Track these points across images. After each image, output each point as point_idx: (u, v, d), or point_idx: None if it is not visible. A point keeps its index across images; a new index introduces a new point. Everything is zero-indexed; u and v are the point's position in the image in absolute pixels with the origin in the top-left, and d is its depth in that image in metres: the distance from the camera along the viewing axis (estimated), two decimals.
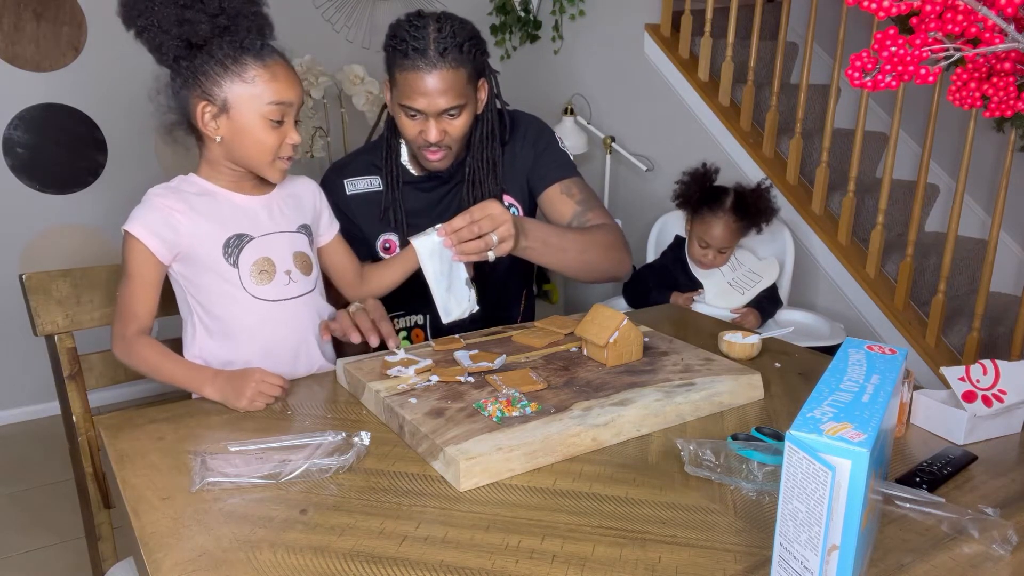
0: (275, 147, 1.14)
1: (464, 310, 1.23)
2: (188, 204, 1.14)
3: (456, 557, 0.74)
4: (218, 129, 1.13)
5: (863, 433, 0.61)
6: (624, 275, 1.53)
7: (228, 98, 1.11)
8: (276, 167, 1.17)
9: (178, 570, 0.72)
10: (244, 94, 1.11)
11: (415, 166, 1.48)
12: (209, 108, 1.12)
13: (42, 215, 2.77)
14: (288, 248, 1.20)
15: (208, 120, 1.12)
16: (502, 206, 1.22)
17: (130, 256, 1.13)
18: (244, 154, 1.15)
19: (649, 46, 2.94)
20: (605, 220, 1.50)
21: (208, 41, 1.10)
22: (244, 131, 1.13)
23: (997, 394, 0.97)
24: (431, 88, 1.30)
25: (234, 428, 1.02)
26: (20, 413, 2.88)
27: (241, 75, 1.10)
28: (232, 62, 1.10)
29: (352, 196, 1.47)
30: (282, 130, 1.14)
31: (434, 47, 1.28)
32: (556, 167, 1.52)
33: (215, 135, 1.13)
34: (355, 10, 3.18)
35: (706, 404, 1.07)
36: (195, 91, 1.11)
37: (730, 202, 2.16)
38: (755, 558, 0.74)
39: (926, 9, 0.73)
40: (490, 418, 0.96)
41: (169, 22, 1.08)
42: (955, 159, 2.70)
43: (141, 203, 1.15)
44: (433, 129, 1.34)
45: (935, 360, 2.23)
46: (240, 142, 1.13)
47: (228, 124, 1.13)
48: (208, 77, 1.10)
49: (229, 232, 1.16)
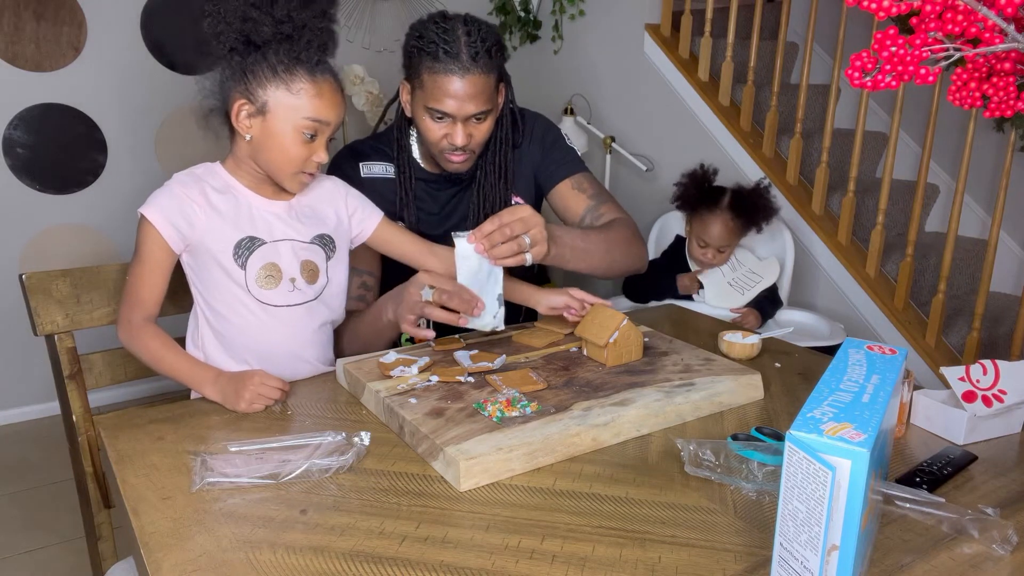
0: (300, 160, 1.14)
1: (486, 324, 1.20)
2: (207, 199, 1.15)
3: (456, 557, 0.74)
4: (250, 128, 1.13)
5: (863, 433, 0.61)
6: (643, 267, 1.52)
7: (268, 102, 1.11)
8: (296, 180, 1.16)
9: (178, 570, 0.72)
10: (285, 102, 1.11)
11: (427, 163, 1.47)
12: (247, 107, 1.12)
13: (42, 215, 2.77)
14: (296, 257, 1.20)
15: (243, 117, 1.13)
16: (532, 209, 1.19)
17: (143, 240, 1.13)
18: (268, 158, 1.15)
19: (649, 46, 2.94)
20: (618, 213, 1.50)
21: (267, 43, 1.10)
22: (274, 137, 1.12)
23: (997, 394, 0.97)
24: (462, 92, 1.28)
25: (234, 428, 1.02)
26: (20, 413, 2.88)
27: (288, 84, 1.11)
28: (283, 69, 1.10)
29: (366, 179, 1.45)
30: (312, 146, 1.14)
31: (467, 51, 1.26)
32: (565, 163, 1.52)
33: (246, 133, 1.13)
34: (355, 10, 3.18)
35: (706, 404, 1.07)
36: (239, 86, 1.11)
37: (727, 201, 2.17)
38: (755, 558, 0.74)
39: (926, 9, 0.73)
40: (490, 418, 0.96)
41: (234, 15, 1.08)
42: (955, 159, 2.70)
43: (163, 188, 1.15)
44: (460, 133, 1.33)
45: (935, 360, 2.23)
46: (268, 147, 1.13)
47: (261, 126, 1.13)
48: (255, 77, 1.11)
49: (243, 234, 1.16)
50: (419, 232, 1.46)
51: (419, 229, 1.46)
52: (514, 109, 1.48)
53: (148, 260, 1.14)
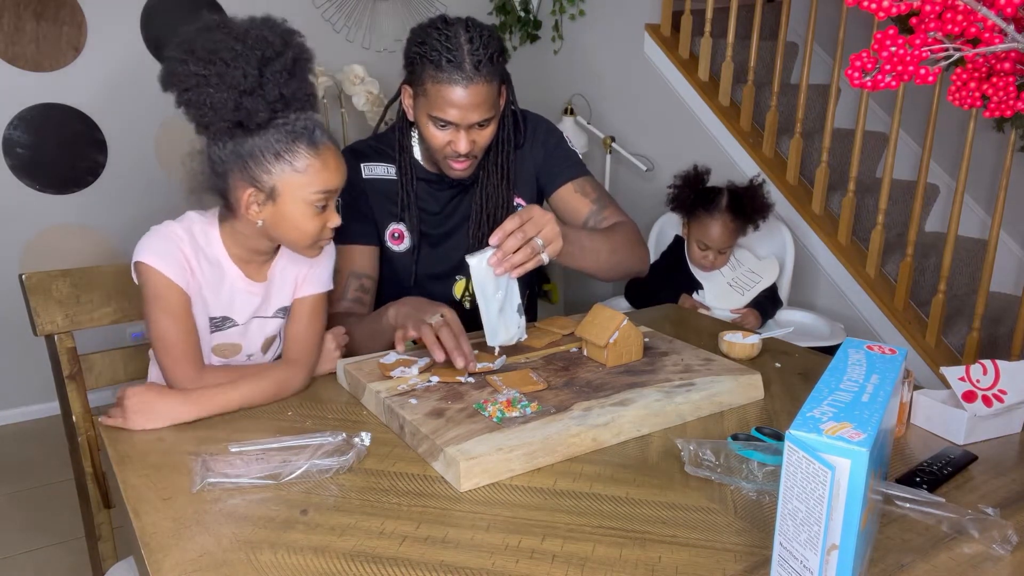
0: (317, 232, 1.10)
1: (512, 336, 1.19)
2: (198, 263, 1.11)
3: (456, 557, 0.74)
4: (260, 214, 1.08)
5: (863, 433, 0.61)
6: (645, 270, 1.52)
7: (276, 186, 1.06)
8: (315, 248, 1.14)
9: (178, 570, 0.72)
10: (293, 182, 1.06)
11: (429, 163, 1.47)
12: (256, 195, 1.06)
13: (42, 215, 2.77)
14: (261, 333, 1.20)
15: (253, 206, 1.07)
16: (540, 208, 1.18)
17: (155, 288, 1.07)
18: (285, 238, 1.11)
19: (649, 46, 2.94)
20: (621, 217, 1.50)
21: (260, 127, 1.05)
22: (288, 218, 1.08)
23: (997, 394, 0.97)
24: (466, 102, 1.27)
25: (234, 429, 1.02)
26: (20, 413, 2.88)
27: (293, 163, 1.05)
28: (284, 149, 1.05)
29: (368, 180, 1.45)
30: (324, 215, 1.10)
31: (469, 60, 1.25)
32: (568, 166, 1.52)
33: (257, 219, 1.08)
34: (355, 10, 3.18)
35: (706, 404, 1.07)
36: (242, 173, 1.06)
37: (725, 202, 2.17)
38: (755, 558, 0.74)
39: (926, 9, 0.73)
40: (490, 418, 0.97)
41: (225, 108, 1.02)
42: (955, 159, 2.70)
43: (154, 233, 1.10)
44: (463, 140, 1.32)
45: (935, 360, 2.23)
46: (283, 228, 1.09)
47: (273, 210, 1.08)
48: (258, 163, 1.05)
49: (220, 312, 1.15)
50: (420, 233, 1.46)
51: (421, 230, 1.46)
52: (516, 110, 1.47)
53: (171, 307, 1.07)
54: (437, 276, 1.49)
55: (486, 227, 1.46)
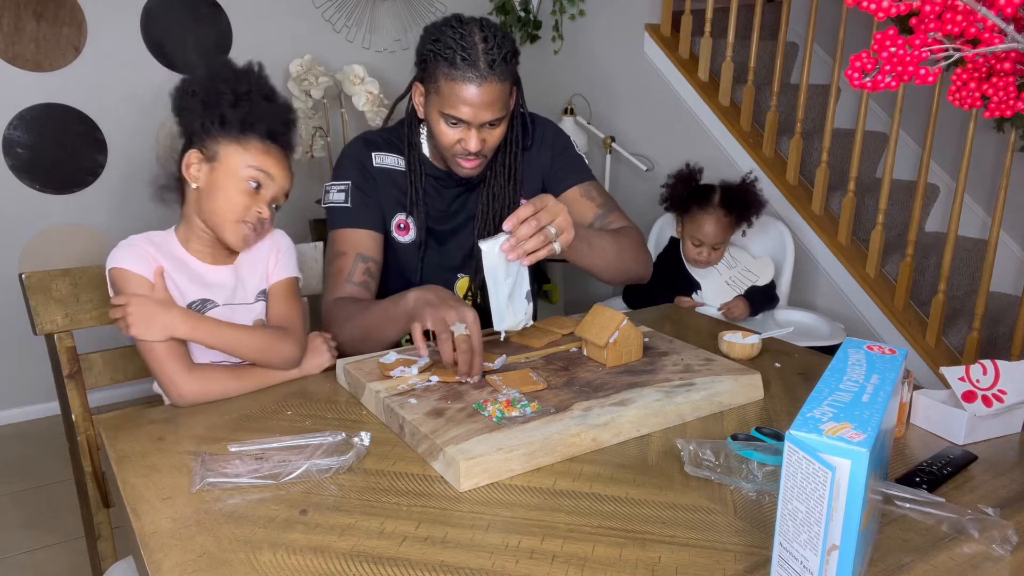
0: (242, 208, 1.15)
1: (519, 322, 1.19)
2: (161, 255, 1.16)
3: (456, 557, 0.74)
4: (198, 176, 1.16)
5: (863, 433, 0.61)
6: (647, 275, 1.53)
7: (218, 151, 1.15)
8: (238, 230, 1.16)
9: (178, 570, 0.72)
10: (233, 152, 1.15)
11: (437, 159, 1.48)
12: (197, 155, 1.16)
13: (42, 215, 2.77)
14: (248, 320, 1.21)
15: (193, 167, 1.16)
16: (553, 197, 1.18)
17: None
18: (212, 208, 1.15)
19: (649, 46, 2.94)
20: (626, 223, 1.51)
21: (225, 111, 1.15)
22: (219, 185, 1.15)
23: (997, 394, 0.97)
24: (479, 100, 1.28)
25: (234, 428, 1.02)
26: (20, 413, 2.88)
27: (240, 142, 1.15)
28: (238, 132, 1.15)
29: (378, 168, 1.46)
30: (256, 197, 1.16)
31: (484, 59, 1.26)
32: (574, 170, 1.53)
33: (194, 181, 1.16)
34: (355, 10, 3.18)
35: (706, 404, 1.07)
36: (193, 142, 1.16)
37: (718, 198, 2.19)
38: (755, 558, 0.74)
39: (926, 9, 0.73)
40: (490, 418, 0.97)
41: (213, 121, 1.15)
42: (955, 159, 2.70)
43: (122, 245, 1.15)
44: (474, 139, 1.33)
45: (935, 360, 2.23)
46: (213, 194, 1.15)
47: (209, 174, 1.15)
48: (210, 134, 1.15)
49: (196, 295, 1.17)
50: (427, 229, 1.46)
51: (427, 226, 1.47)
52: (524, 113, 1.48)
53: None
54: (440, 272, 1.50)
55: (491, 226, 1.47)
